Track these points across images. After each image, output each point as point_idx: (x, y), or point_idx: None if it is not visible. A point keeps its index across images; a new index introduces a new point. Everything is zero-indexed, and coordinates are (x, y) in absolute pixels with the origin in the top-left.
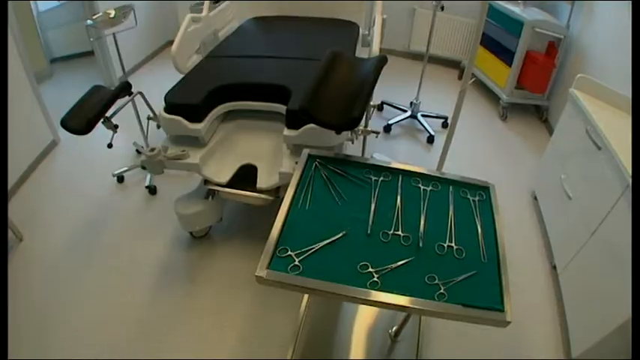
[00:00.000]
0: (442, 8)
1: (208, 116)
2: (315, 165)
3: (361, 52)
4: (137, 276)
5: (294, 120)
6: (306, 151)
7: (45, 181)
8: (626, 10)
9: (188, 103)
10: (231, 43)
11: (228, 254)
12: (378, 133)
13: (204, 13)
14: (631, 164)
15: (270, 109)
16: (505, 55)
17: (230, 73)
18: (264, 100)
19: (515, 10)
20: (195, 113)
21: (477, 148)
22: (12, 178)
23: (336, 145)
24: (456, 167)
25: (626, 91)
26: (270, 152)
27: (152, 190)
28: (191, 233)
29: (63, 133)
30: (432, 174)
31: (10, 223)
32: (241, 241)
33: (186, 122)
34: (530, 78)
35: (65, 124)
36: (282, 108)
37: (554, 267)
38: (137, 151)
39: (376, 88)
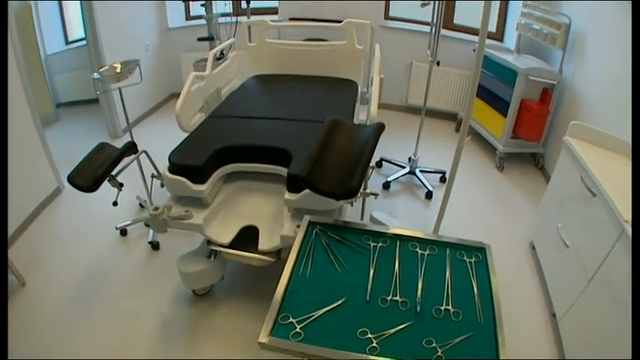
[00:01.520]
0: (438, 63)
1: (211, 177)
2: (316, 232)
3: (360, 110)
4: (137, 329)
5: (294, 184)
6: (306, 218)
7: (48, 227)
8: (615, 53)
9: (192, 164)
10: (233, 103)
11: (229, 312)
12: (376, 195)
13: (208, 71)
14: (631, 173)
15: (272, 172)
16: (500, 105)
17: (233, 134)
18: (265, 162)
19: (509, 59)
20: (198, 174)
21: (475, 200)
22: (15, 223)
23: (336, 208)
24: (454, 221)
25: (620, 133)
26: (272, 214)
27: (155, 245)
28: (193, 290)
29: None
30: (429, 238)
31: (13, 266)
32: (243, 299)
33: (189, 183)
34: (525, 127)
35: (72, 181)
36: (283, 170)
37: (554, 315)
38: (140, 205)
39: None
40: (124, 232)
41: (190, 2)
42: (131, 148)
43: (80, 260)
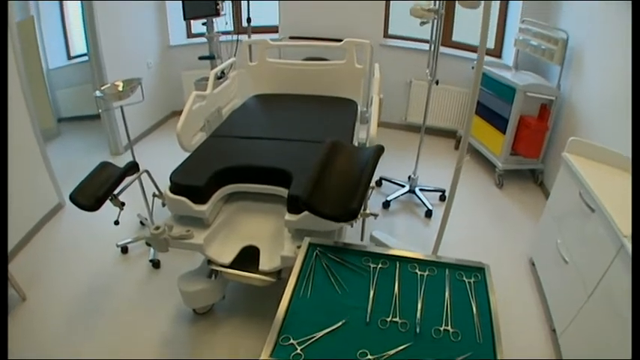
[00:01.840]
0: (437, 82)
1: (212, 198)
2: (316, 254)
3: (360, 129)
4: (138, 347)
5: (295, 205)
6: (307, 240)
7: (49, 243)
8: (612, 66)
9: (193, 184)
10: (234, 123)
11: (230, 332)
12: (376, 215)
13: (209, 90)
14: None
15: (272, 192)
16: (499, 122)
17: (234, 155)
18: (266, 183)
19: (507, 75)
20: (199, 195)
21: (474, 218)
22: (16, 237)
23: (336, 229)
24: (453, 239)
25: (618, 147)
26: (272, 234)
27: (156, 264)
28: (194, 309)
29: (68, 197)
30: (429, 259)
31: (13, 280)
32: (243, 319)
33: (190, 203)
34: (524, 143)
35: (74, 199)
36: (283, 191)
37: (554, 330)
38: (141, 222)
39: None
40: (124, 249)
41: (192, 20)
42: (133, 167)
43: (81, 276)
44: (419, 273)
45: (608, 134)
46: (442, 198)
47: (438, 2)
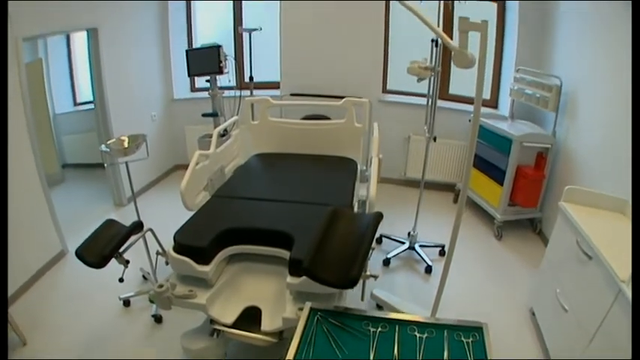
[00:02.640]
0: (435, 139)
1: (215, 258)
2: (317, 318)
3: (360, 187)
4: None
5: (296, 268)
6: (308, 305)
7: (51, 290)
8: (605, 108)
9: (196, 245)
10: (237, 183)
11: None
12: (376, 277)
13: (212, 149)
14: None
15: (274, 254)
16: (496, 173)
17: (236, 216)
18: (268, 245)
19: (504, 126)
20: (203, 255)
21: (474, 271)
22: (18, 282)
23: (338, 291)
24: (453, 293)
25: (614, 188)
26: (274, 295)
27: (158, 318)
28: None
29: (72, 245)
30: (427, 321)
31: (14, 323)
32: None
33: (194, 264)
34: (522, 193)
35: (81, 256)
36: (285, 253)
37: None
38: (144, 277)
39: None
40: (127, 302)
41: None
42: (138, 227)
43: (82, 326)
44: (418, 335)
45: (604, 177)
46: (442, 253)
47: (434, 60)
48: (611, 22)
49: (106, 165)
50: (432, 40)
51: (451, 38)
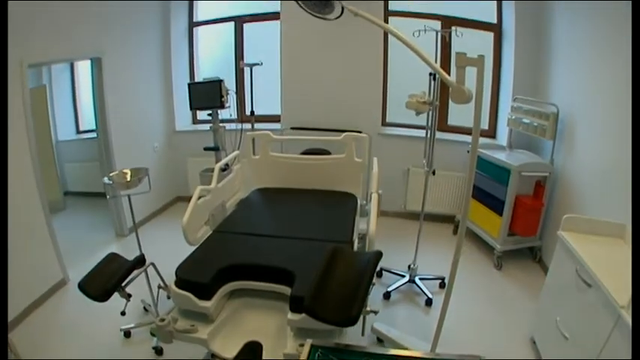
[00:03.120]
0: (434, 172)
1: (217, 294)
2: (318, 355)
3: (360, 222)
4: None
5: (297, 305)
6: (309, 342)
7: (52, 317)
8: (602, 135)
9: (198, 281)
10: (238, 219)
11: None
12: (376, 312)
13: (213, 184)
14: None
15: (276, 290)
16: (495, 203)
17: (238, 252)
18: (269, 281)
19: (502, 157)
20: (204, 291)
21: (475, 302)
22: (18, 308)
23: (338, 328)
24: (454, 324)
25: (613, 215)
26: (275, 330)
27: (159, 350)
28: None
29: (73, 273)
30: (428, 357)
31: (13, 346)
32: None
33: (195, 299)
34: (521, 223)
35: (83, 289)
36: (286, 290)
37: None
38: (145, 309)
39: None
40: (127, 333)
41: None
42: (140, 261)
43: (83, 355)
44: None
45: (603, 202)
46: (442, 285)
47: (432, 94)
48: (605, 48)
49: (108, 197)
50: (430, 74)
51: (449, 68)
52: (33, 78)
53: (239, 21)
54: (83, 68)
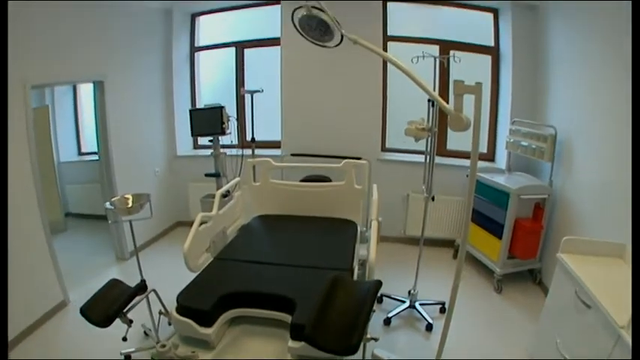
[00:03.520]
0: (433, 198)
1: (218, 321)
2: None
3: (360, 248)
4: None
5: (298, 333)
6: None
7: (51, 339)
8: (599, 155)
9: (199, 308)
10: (239, 246)
11: None
12: (376, 339)
13: (214, 211)
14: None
15: (276, 318)
16: (495, 227)
17: (239, 280)
18: (270, 309)
19: (501, 180)
20: (205, 318)
21: (475, 325)
22: (18, 328)
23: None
24: (454, 348)
25: (612, 235)
26: (275, 357)
27: None
28: None
29: (74, 295)
30: None
31: None
32: None
33: (196, 326)
34: (520, 246)
35: (85, 315)
36: (287, 317)
37: None
38: (145, 333)
39: (376, 277)
40: (128, 358)
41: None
42: (142, 288)
43: None
44: None
45: (602, 223)
46: (442, 310)
47: (431, 120)
48: (602, 67)
49: (110, 222)
50: (429, 100)
51: (447, 94)
52: (36, 98)
53: (240, 46)
54: (86, 90)
